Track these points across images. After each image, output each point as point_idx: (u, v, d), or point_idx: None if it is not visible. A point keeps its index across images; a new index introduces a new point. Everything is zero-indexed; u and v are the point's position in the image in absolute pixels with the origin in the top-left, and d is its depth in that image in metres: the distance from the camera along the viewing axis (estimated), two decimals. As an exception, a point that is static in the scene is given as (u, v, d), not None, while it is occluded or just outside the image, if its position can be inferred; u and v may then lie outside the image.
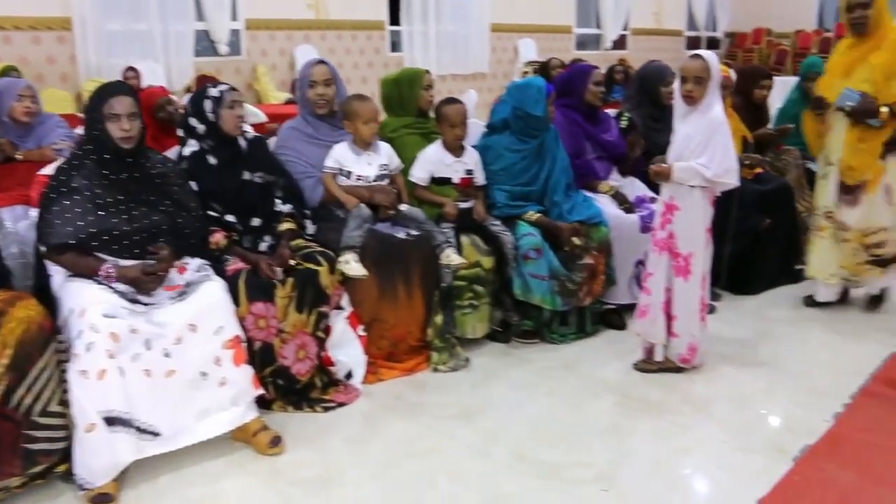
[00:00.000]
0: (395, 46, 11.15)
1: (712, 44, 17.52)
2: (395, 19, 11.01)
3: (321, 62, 3.54)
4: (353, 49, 10.57)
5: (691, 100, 3.06)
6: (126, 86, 2.83)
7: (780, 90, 5.62)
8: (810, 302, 4.15)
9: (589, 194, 3.84)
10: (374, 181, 3.45)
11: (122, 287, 2.67)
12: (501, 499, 2.49)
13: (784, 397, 3.18)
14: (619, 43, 14.53)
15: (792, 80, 5.64)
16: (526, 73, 10.48)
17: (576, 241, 3.55)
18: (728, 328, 3.84)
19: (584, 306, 3.67)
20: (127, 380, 2.48)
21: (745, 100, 4.59)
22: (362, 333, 3.26)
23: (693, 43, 16.94)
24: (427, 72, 3.84)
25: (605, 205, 3.81)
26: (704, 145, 3.05)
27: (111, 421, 2.43)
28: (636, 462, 2.70)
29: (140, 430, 2.50)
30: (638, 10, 14.91)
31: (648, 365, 3.36)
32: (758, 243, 4.28)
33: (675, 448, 2.79)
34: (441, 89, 10.77)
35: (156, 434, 2.54)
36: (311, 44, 9.93)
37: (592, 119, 3.94)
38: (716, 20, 17.56)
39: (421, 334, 3.40)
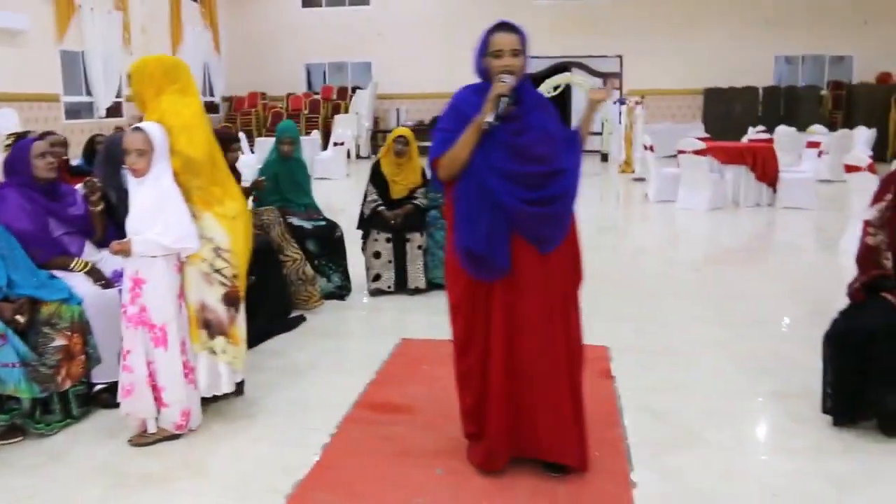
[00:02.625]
0: None
1: (211, 107, 18.01)
2: None
3: None
4: None
5: (136, 172, 3.12)
6: None
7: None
8: None
9: (58, 273, 3.65)
10: None
11: None
12: None
13: (277, 441, 3.38)
14: (115, 110, 14.14)
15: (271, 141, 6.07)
16: (8, 145, 9.58)
17: (19, 318, 3.34)
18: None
19: (66, 390, 3.47)
20: None
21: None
22: None
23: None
24: None
25: (80, 282, 3.66)
26: (157, 214, 3.12)
27: None
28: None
29: None
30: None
31: (143, 438, 3.30)
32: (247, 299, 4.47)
33: (173, 515, 2.80)
34: None
35: None
36: None
37: (53, 194, 3.75)
38: (212, 86, 18.10)
39: None
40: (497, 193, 2.78)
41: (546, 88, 15.84)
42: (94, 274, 3.75)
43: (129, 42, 14.37)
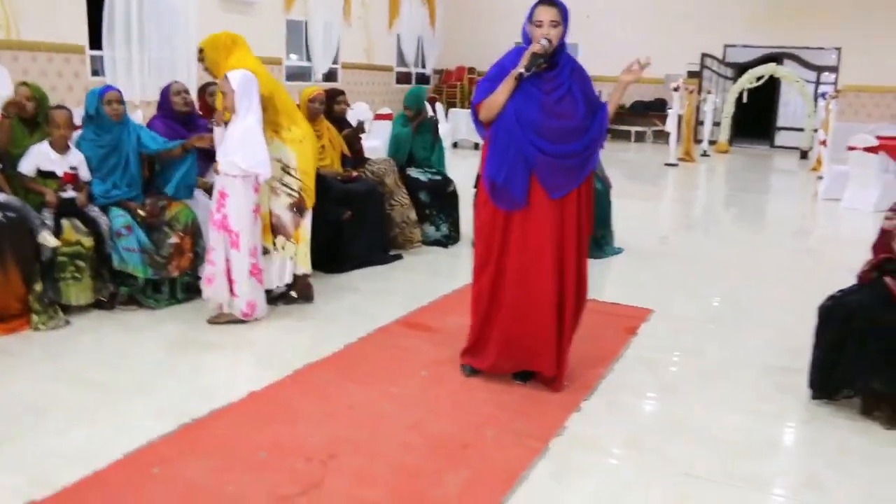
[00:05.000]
0: (98, 72, 11.40)
1: (422, 79, 19.26)
2: (97, 43, 11.27)
3: None
4: (50, 72, 10.72)
5: (225, 109, 4.01)
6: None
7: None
8: None
9: (183, 188, 4.71)
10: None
11: None
12: (56, 410, 3.21)
13: (318, 336, 4.20)
14: (331, 76, 15.68)
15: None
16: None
17: (142, 213, 4.38)
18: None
19: (175, 277, 4.49)
20: None
21: (329, 113, 5.65)
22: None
23: (404, 77, 18.56)
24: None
25: (199, 196, 4.68)
26: (240, 144, 3.99)
27: None
28: (175, 378, 3.59)
29: None
30: (348, 46, 16.16)
31: (218, 319, 4.24)
32: (341, 231, 5.31)
33: (211, 369, 3.75)
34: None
35: None
36: (2, 64, 9.99)
37: (189, 125, 4.81)
38: (424, 58, 19.33)
39: (21, 305, 4.03)
40: (519, 138, 3.36)
41: (748, 78, 15.46)
42: (212, 192, 4.73)
43: (349, 14, 15.82)
